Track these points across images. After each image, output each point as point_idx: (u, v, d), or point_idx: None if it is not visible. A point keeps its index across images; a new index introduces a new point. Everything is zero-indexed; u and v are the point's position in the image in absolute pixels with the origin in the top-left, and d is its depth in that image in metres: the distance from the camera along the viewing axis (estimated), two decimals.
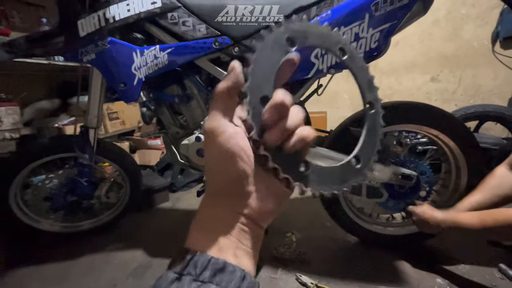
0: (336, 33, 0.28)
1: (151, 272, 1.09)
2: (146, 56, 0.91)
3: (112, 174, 1.40)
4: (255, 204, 0.24)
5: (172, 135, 1.11)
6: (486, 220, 0.74)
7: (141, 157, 2.27)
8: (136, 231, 1.42)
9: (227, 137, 0.22)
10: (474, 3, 1.74)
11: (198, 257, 0.21)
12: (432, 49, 1.90)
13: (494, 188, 0.82)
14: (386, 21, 0.75)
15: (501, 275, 0.92)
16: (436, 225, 0.83)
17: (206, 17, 0.89)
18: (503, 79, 1.77)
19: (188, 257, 0.21)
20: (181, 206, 1.70)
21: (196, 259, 0.21)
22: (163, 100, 1.05)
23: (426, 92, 1.99)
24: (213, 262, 0.21)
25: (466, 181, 0.99)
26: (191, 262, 0.21)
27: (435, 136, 0.98)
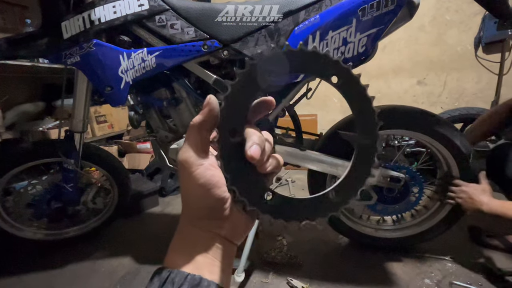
0: (327, 55, 0.24)
1: (139, 280, 1.06)
2: (133, 59, 0.89)
3: (99, 179, 1.36)
4: (230, 226, 0.25)
5: (161, 139, 1.10)
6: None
7: (130, 161, 2.23)
8: (125, 237, 1.38)
9: (203, 169, 0.23)
10: (458, 9, 1.80)
11: (175, 274, 0.22)
12: (418, 53, 1.95)
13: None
14: (373, 26, 0.76)
15: (487, 274, 0.94)
16: (479, 205, 0.86)
17: (195, 20, 0.88)
18: (486, 83, 1.83)
19: (165, 275, 0.22)
20: (171, 211, 1.67)
21: (173, 276, 0.22)
22: (151, 103, 1.04)
23: (413, 95, 2.04)
24: (189, 278, 0.22)
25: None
26: (169, 279, 0.22)
27: (428, 142, 0.99)
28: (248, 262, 1.05)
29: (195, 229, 0.25)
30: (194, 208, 0.25)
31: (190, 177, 0.23)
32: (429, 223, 1.05)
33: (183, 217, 0.26)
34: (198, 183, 0.23)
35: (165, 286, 0.21)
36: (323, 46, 0.79)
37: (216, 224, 0.25)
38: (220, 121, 0.23)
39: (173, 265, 0.23)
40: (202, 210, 0.24)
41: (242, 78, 0.23)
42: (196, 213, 0.25)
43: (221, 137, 0.23)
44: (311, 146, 1.09)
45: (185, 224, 0.26)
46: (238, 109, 0.23)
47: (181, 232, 0.26)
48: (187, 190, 0.24)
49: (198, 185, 0.23)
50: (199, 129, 0.23)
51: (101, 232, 1.36)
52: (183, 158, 0.23)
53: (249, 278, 1.02)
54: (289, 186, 1.88)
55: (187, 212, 0.26)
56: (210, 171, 0.23)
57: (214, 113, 0.23)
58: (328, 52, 0.24)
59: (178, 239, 0.26)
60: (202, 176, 0.23)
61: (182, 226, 0.26)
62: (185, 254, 0.24)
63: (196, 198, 0.24)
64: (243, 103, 0.23)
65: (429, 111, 0.97)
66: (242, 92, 0.23)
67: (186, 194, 0.25)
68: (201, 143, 0.23)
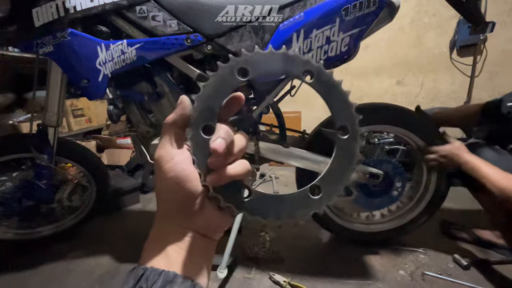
0: (296, 56, 0.26)
1: (118, 279, 1.03)
2: (112, 50, 0.85)
3: (75, 175, 1.30)
4: (202, 221, 0.25)
5: (141, 134, 1.06)
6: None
7: (109, 156, 2.16)
8: (103, 236, 1.34)
9: (174, 163, 0.24)
10: (435, 13, 1.88)
11: (149, 271, 0.22)
12: (398, 54, 2.02)
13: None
14: (355, 26, 0.78)
15: (455, 264, 1.01)
16: (463, 163, 0.88)
17: (178, 12, 0.86)
18: (459, 85, 1.93)
19: (139, 272, 0.22)
20: (153, 208, 1.63)
21: (148, 274, 0.22)
22: (131, 97, 1.00)
23: (393, 95, 2.11)
24: (163, 274, 0.22)
25: (436, 180, 1.05)
26: (143, 277, 0.21)
27: (405, 136, 1.03)
28: (231, 258, 1.05)
29: (167, 224, 0.25)
30: (165, 202, 0.25)
31: (161, 170, 0.24)
32: (412, 214, 1.10)
33: (157, 213, 0.26)
34: (168, 176, 0.23)
35: (139, 283, 0.21)
36: (307, 44, 0.80)
37: (187, 219, 0.25)
38: (192, 119, 0.24)
39: (147, 262, 0.23)
40: (172, 204, 0.25)
41: (213, 79, 0.25)
42: (167, 207, 0.25)
43: (193, 134, 0.24)
44: (295, 143, 1.10)
45: (158, 220, 0.26)
46: (210, 107, 0.24)
47: (154, 228, 0.26)
48: (159, 184, 0.25)
49: (168, 178, 0.23)
50: (171, 127, 0.24)
51: (79, 230, 1.31)
52: (156, 154, 0.25)
53: (232, 273, 1.02)
54: (272, 182, 1.89)
55: (160, 206, 0.26)
56: (181, 165, 0.24)
57: (186, 112, 0.24)
58: (297, 52, 0.25)
59: (151, 235, 0.26)
60: (172, 169, 0.23)
61: (155, 222, 0.26)
62: (158, 250, 0.24)
63: (166, 192, 0.24)
64: (214, 101, 0.25)
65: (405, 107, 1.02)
66: (213, 92, 0.25)
67: (159, 188, 0.25)
68: (174, 139, 0.24)
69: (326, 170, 0.26)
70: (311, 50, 0.80)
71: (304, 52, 0.81)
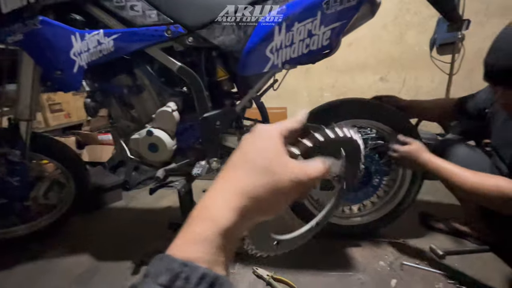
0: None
1: (98, 278, 1.01)
2: (88, 41, 0.82)
3: (52, 172, 1.25)
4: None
5: (122, 129, 1.03)
6: (473, 180, 0.75)
7: (91, 153, 2.08)
8: (83, 234, 1.30)
9: (290, 168, 0.24)
10: (417, 11, 1.92)
11: (189, 269, 0.18)
12: (382, 51, 2.06)
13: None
14: (336, 20, 0.78)
15: (432, 254, 1.04)
16: (422, 164, 0.86)
17: (158, 2, 0.83)
18: (438, 82, 1.99)
19: (175, 267, 0.18)
20: (136, 205, 1.60)
21: (188, 272, 0.18)
22: (110, 90, 0.97)
23: (376, 91, 2.15)
24: (207, 279, 0.18)
25: (411, 174, 1.08)
26: (181, 274, 0.18)
27: (383, 130, 1.05)
28: None
29: (237, 217, 0.21)
30: (257, 200, 0.22)
31: (274, 170, 0.23)
32: (391, 205, 1.13)
33: (231, 200, 0.21)
34: (285, 178, 0.23)
35: (177, 283, 0.17)
36: (288, 38, 0.79)
37: (257, 220, 0.24)
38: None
39: (186, 249, 0.20)
40: (262, 204, 0.22)
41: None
42: (255, 204, 0.22)
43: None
44: None
45: (229, 208, 0.21)
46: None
47: (213, 211, 0.21)
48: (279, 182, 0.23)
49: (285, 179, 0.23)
50: (282, 133, 0.26)
51: (57, 229, 1.26)
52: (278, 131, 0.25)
53: None
54: None
55: (244, 200, 0.21)
56: (294, 174, 0.24)
57: (298, 126, 0.27)
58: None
59: (203, 216, 0.21)
60: (291, 172, 0.23)
61: (217, 212, 0.21)
62: (204, 246, 0.20)
63: (270, 193, 0.22)
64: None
65: (388, 105, 1.04)
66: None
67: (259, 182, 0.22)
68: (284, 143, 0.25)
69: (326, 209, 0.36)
70: (293, 43, 0.80)
71: (286, 45, 0.80)
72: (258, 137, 0.25)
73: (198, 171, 0.91)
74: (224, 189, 0.22)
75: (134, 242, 1.20)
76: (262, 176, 0.22)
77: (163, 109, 0.92)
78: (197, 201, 1.45)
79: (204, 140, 0.96)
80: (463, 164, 1.00)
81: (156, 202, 1.60)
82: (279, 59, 0.82)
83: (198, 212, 0.22)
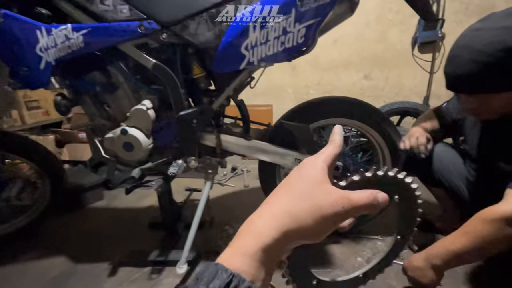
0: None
1: (74, 281, 0.98)
2: (55, 36, 0.78)
3: (26, 172, 1.21)
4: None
5: (97, 127, 1.00)
6: (473, 232, 0.69)
7: (71, 152, 2.03)
8: (60, 235, 1.26)
9: (336, 198, 0.24)
10: (399, 10, 1.94)
11: (238, 280, 0.19)
12: (365, 49, 2.07)
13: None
14: (311, 17, 0.77)
15: (408, 249, 1.07)
16: (425, 266, 0.77)
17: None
18: (420, 80, 2.03)
19: (225, 277, 0.19)
20: (118, 205, 1.57)
21: (237, 283, 0.19)
22: (82, 88, 0.94)
23: (360, 89, 2.18)
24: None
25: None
26: (231, 284, 0.19)
27: (364, 130, 1.06)
28: (194, 253, 1.03)
29: (282, 238, 0.22)
30: (305, 223, 0.23)
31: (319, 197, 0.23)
32: None
33: (279, 229, 0.22)
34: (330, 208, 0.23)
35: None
36: (263, 35, 0.78)
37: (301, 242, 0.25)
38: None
39: (236, 261, 0.21)
40: (310, 227, 0.23)
41: None
42: (302, 227, 0.23)
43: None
44: (259, 136, 1.10)
45: (279, 238, 0.22)
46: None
47: (267, 230, 0.22)
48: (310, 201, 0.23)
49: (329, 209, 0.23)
50: (327, 160, 0.26)
51: (33, 230, 1.22)
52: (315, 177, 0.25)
53: (194, 269, 1.01)
54: (244, 175, 1.89)
55: (293, 225, 0.22)
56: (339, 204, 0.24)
57: (339, 150, 0.28)
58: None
59: (266, 248, 0.22)
60: (336, 203, 0.23)
61: (270, 232, 0.22)
62: (263, 265, 0.21)
63: (318, 215, 0.23)
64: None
65: (367, 102, 1.04)
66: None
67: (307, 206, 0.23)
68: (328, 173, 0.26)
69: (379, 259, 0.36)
70: (268, 40, 0.79)
71: (261, 43, 0.79)
72: (303, 167, 0.26)
73: (174, 170, 0.90)
74: (269, 210, 0.24)
75: (113, 243, 1.18)
76: (305, 201, 0.23)
77: (138, 107, 0.90)
78: (177, 199, 1.44)
79: (180, 139, 0.95)
80: (440, 161, 1.02)
81: (138, 201, 1.58)
82: (254, 56, 0.81)
83: (245, 227, 0.23)
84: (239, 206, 1.47)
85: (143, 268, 1.01)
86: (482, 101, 0.73)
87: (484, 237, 0.70)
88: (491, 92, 0.70)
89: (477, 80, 0.69)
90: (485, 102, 0.73)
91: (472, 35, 0.70)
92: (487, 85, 0.69)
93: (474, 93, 0.73)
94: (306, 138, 0.96)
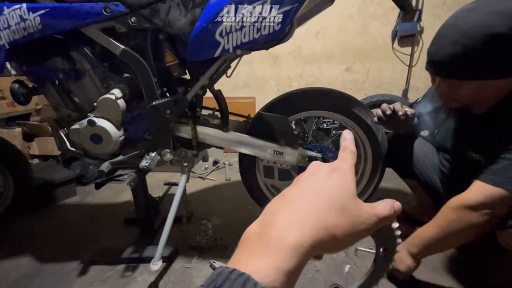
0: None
1: (39, 282, 0.92)
2: (8, 16, 0.71)
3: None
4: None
5: (62, 118, 0.93)
6: (442, 221, 0.74)
7: (41, 146, 1.91)
8: (26, 234, 1.19)
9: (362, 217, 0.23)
10: (380, 3, 1.95)
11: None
12: (347, 41, 2.07)
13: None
14: (288, 3, 0.74)
15: None
16: (403, 254, 0.82)
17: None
18: (399, 73, 2.06)
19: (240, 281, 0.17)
20: (91, 201, 1.50)
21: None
22: (43, 75, 0.86)
23: (342, 82, 2.18)
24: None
25: (371, 167, 1.10)
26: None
27: (345, 123, 1.05)
28: (170, 249, 1.00)
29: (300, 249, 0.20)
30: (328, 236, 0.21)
31: (350, 214, 0.22)
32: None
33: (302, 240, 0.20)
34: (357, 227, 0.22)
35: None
36: (239, 21, 0.75)
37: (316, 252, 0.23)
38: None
39: (267, 283, 0.18)
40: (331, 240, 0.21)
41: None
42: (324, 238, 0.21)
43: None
44: (238, 127, 1.07)
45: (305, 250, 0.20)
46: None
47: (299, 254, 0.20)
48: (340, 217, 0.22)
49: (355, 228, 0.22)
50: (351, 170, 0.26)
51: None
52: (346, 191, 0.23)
53: (171, 264, 0.98)
54: (226, 169, 1.86)
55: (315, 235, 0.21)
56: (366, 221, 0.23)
57: (355, 158, 0.27)
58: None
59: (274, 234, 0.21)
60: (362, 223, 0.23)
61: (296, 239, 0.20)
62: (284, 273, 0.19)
63: (346, 230, 0.22)
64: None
65: (347, 93, 1.03)
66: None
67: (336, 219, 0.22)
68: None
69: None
70: (243, 27, 0.75)
71: (236, 29, 0.76)
72: (334, 176, 0.24)
73: (147, 163, 0.85)
74: (304, 219, 0.22)
75: (85, 241, 1.12)
76: (342, 217, 0.22)
77: (106, 96, 0.84)
78: (156, 194, 1.38)
79: (153, 130, 0.90)
80: (415, 155, 1.03)
81: (114, 196, 1.51)
82: (229, 43, 0.78)
83: (278, 235, 0.21)
84: (219, 199, 1.44)
85: (116, 266, 0.96)
86: (454, 88, 0.72)
87: (451, 225, 0.73)
88: (465, 79, 0.69)
89: (455, 65, 0.68)
90: (457, 89, 0.72)
91: (461, 16, 0.67)
92: (463, 72, 0.68)
93: (450, 78, 0.72)
94: (285, 130, 0.94)
